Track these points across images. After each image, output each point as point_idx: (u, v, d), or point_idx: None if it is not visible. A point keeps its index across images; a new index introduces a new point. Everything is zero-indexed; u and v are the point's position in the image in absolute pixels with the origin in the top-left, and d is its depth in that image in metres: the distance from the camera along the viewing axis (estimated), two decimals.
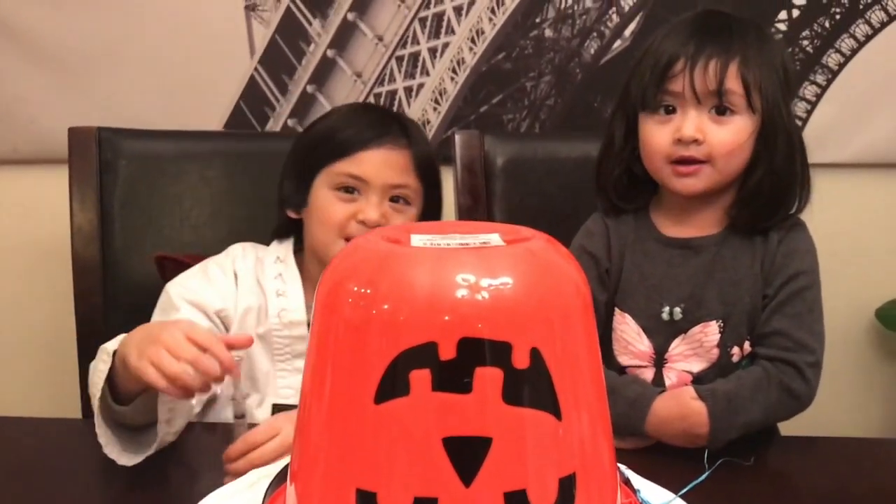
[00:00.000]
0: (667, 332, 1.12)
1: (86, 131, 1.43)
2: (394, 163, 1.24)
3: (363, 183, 1.22)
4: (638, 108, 1.11)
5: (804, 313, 1.08)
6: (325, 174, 1.24)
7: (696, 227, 1.14)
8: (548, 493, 0.63)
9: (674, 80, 1.07)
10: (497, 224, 0.73)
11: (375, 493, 0.62)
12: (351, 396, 0.64)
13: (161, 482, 0.95)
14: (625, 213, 1.18)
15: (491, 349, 0.61)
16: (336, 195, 1.23)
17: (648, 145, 1.11)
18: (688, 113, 1.07)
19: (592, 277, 1.15)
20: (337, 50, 1.73)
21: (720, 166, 1.08)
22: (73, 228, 1.41)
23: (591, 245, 1.17)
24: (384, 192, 1.23)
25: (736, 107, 1.07)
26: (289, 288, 1.24)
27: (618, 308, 1.15)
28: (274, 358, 1.22)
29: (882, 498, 0.92)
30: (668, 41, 1.09)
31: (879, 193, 1.72)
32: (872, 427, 1.74)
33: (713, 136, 1.07)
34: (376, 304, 0.63)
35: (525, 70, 1.70)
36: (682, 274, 1.12)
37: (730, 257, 1.12)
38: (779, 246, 1.11)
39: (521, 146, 1.44)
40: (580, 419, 0.65)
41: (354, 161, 1.22)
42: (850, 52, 1.68)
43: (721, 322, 1.11)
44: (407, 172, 1.24)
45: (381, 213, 1.21)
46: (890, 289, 1.70)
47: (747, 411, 1.04)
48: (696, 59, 1.06)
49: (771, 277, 1.10)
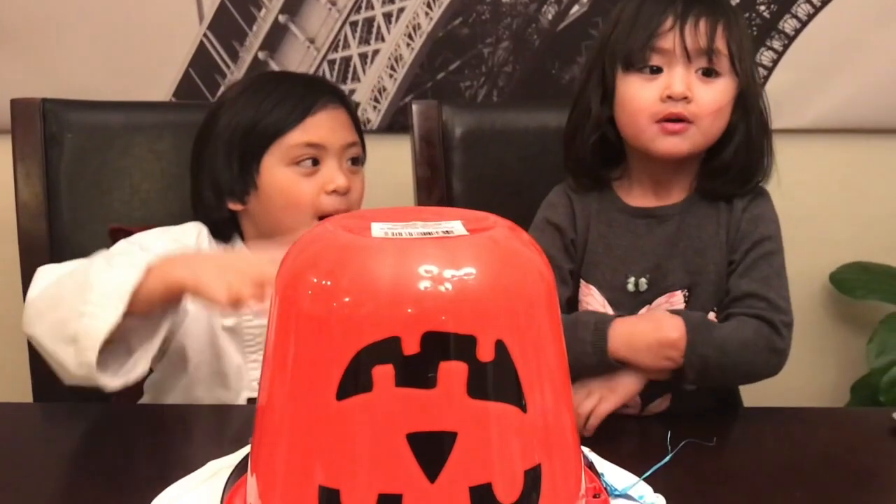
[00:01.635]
0: (632, 304, 1.12)
1: (29, 103, 1.38)
2: (342, 121, 1.19)
3: (322, 150, 1.17)
4: (620, 67, 1.10)
5: (772, 276, 1.09)
6: (276, 151, 1.16)
7: (661, 197, 1.14)
8: (514, 485, 0.63)
9: (663, 38, 1.07)
10: (459, 210, 0.72)
11: (339, 490, 0.62)
12: (312, 392, 0.62)
13: (119, 469, 0.92)
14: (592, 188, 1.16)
15: (455, 343, 0.61)
16: (297, 171, 1.16)
17: (632, 103, 1.09)
18: (675, 70, 1.07)
19: (558, 248, 1.14)
20: (289, 15, 1.68)
21: (704, 127, 1.08)
22: (18, 204, 1.36)
23: (555, 217, 1.16)
24: (341, 154, 1.18)
25: (722, 68, 1.08)
26: None
27: (583, 280, 1.15)
28: (245, 350, 1.17)
29: (836, 466, 0.94)
30: (649, 4, 1.09)
31: (836, 159, 1.73)
32: (826, 390, 1.77)
33: (701, 95, 1.07)
34: (337, 297, 0.62)
35: (482, 36, 1.68)
36: (647, 244, 1.12)
37: (694, 225, 1.12)
38: (743, 213, 1.11)
39: (480, 116, 1.42)
40: (545, 409, 0.65)
41: (306, 129, 1.16)
42: (806, 17, 1.67)
43: (686, 291, 1.11)
44: (352, 130, 1.20)
45: (346, 177, 1.17)
46: (844, 253, 1.73)
47: (722, 331, 1.04)
48: (685, 16, 1.06)
49: (736, 243, 1.11)
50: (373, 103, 1.69)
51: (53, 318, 1.00)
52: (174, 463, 0.89)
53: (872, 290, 1.67)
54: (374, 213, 0.71)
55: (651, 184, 1.14)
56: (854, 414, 1.37)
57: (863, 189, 1.74)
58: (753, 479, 0.90)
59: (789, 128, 1.67)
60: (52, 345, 1.00)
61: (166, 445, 1.01)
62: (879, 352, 1.59)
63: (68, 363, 0.99)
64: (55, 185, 1.37)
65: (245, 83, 1.25)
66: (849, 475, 0.92)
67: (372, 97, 1.69)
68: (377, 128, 1.69)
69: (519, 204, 1.28)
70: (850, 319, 1.78)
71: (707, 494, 0.87)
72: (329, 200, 1.16)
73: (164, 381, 1.19)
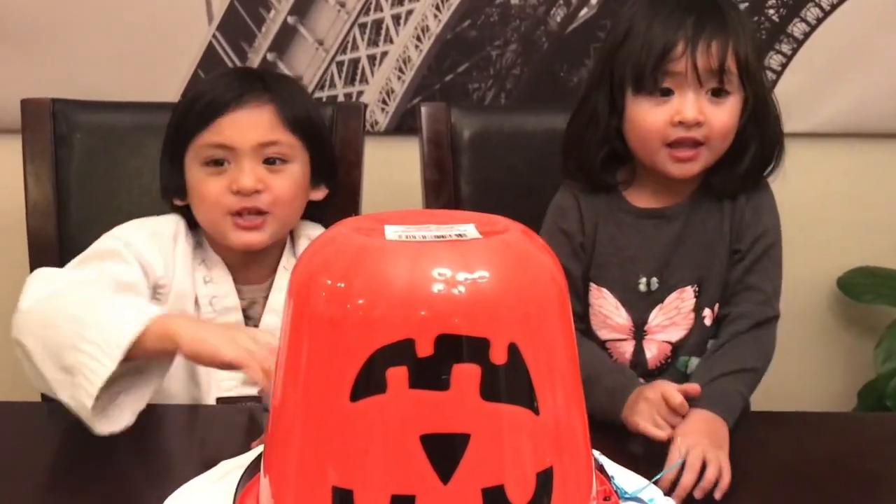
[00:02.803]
0: (644, 304, 1.13)
1: (39, 103, 1.38)
2: (257, 121, 1.16)
3: (230, 151, 1.15)
4: (629, 89, 1.09)
5: (770, 268, 1.12)
6: (191, 151, 1.17)
7: (667, 197, 1.15)
8: (526, 488, 0.63)
9: (674, 62, 1.06)
10: (472, 213, 0.72)
11: (352, 491, 0.62)
12: (326, 394, 0.63)
13: (128, 469, 0.93)
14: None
15: (468, 345, 0.61)
16: (206, 171, 1.16)
17: (642, 128, 1.09)
18: (687, 95, 1.06)
19: (566, 254, 1.14)
20: (298, 16, 1.68)
21: (715, 147, 1.09)
22: (29, 205, 1.37)
23: (564, 222, 1.16)
24: (255, 154, 1.15)
25: (731, 87, 1.07)
26: (214, 274, 1.19)
27: (594, 283, 1.15)
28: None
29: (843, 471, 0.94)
30: (659, 22, 1.07)
31: (843, 163, 1.73)
32: (833, 395, 1.77)
33: (712, 117, 1.07)
34: (351, 300, 0.62)
35: (491, 38, 1.68)
36: (655, 244, 1.13)
37: (700, 221, 1.13)
38: (746, 202, 1.13)
39: (488, 119, 1.42)
40: (557, 412, 0.65)
41: (215, 129, 1.15)
42: (815, 21, 1.68)
43: (696, 286, 1.12)
44: (275, 128, 1.16)
45: (256, 177, 1.14)
46: (852, 257, 1.73)
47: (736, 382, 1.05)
48: (696, 38, 1.05)
49: (741, 233, 1.12)
50: (381, 105, 1.70)
51: (48, 341, 0.98)
52: (183, 462, 0.89)
53: (880, 295, 1.67)
54: (387, 215, 0.72)
55: (657, 186, 1.15)
56: (861, 419, 1.37)
57: (871, 193, 1.74)
58: (761, 484, 0.90)
59: (797, 132, 1.66)
60: (42, 362, 0.98)
61: (174, 445, 1.02)
62: (887, 357, 1.59)
63: (57, 388, 0.97)
64: (65, 185, 1.38)
65: (215, 72, 1.27)
66: (856, 480, 0.92)
67: (380, 99, 1.69)
68: (385, 130, 1.70)
69: (527, 206, 1.27)
70: (857, 324, 1.78)
71: (715, 498, 0.87)
72: (235, 199, 1.14)
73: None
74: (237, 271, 1.21)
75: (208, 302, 1.18)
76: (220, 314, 1.18)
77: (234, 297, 1.19)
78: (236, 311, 1.18)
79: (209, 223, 1.18)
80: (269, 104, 1.17)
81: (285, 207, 1.18)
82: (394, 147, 1.63)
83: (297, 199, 1.20)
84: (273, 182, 1.16)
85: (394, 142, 1.66)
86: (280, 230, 1.19)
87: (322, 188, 1.25)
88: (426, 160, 1.39)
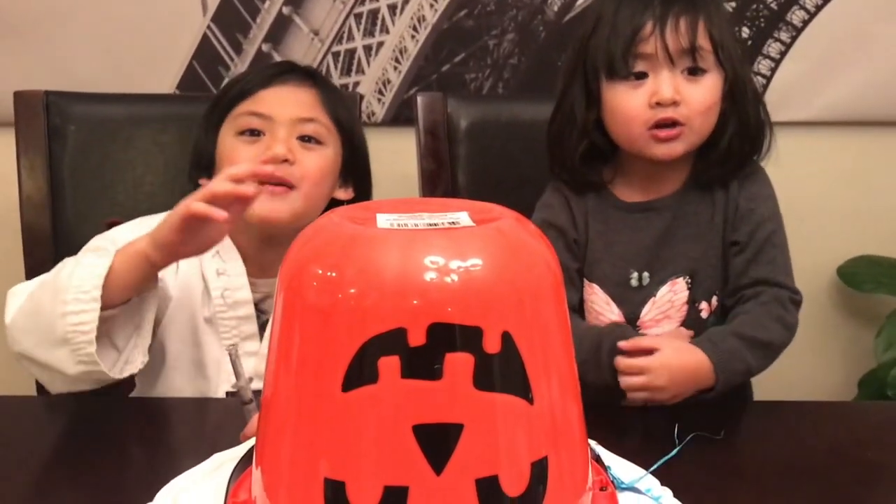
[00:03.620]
0: (636, 299, 1.11)
1: (32, 95, 1.37)
2: (299, 98, 1.17)
3: (267, 121, 1.15)
4: (603, 76, 1.08)
5: (777, 257, 1.10)
6: (229, 120, 1.17)
7: (655, 190, 1.14)
8: (520, 478, 0.62)
9: (644, 43, 1.05)
10: (465, 201, 0.71)
11: (344, 483, 0.61)
12: (318, 384, 0.62)
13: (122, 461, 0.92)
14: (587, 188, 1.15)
15: (461, 334, 0.60)
16: (241, 139, 1.15)
17: (622, 113, 1.08)
18: (661, 75, 1.06)
19: (560, 248, 1.13)
20: (293, 7, 1.67)
21: (697, 126, 1.07)
22: (22, 197, 1.36)
23: (554, 217, 1.15)
24: (291, 127, 1.15)
25: (707, 65, 1.06)
26: (229, 266, 1.17)
27: (585, 279, 1.14)
28: (222, 343, 1.16)
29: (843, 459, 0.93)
30: (626, 5, 1.07)
31: (843, 151, 1.72)
32: (834, 384, 1.77)
33: (689, 95, 1.06)
34: (342, 289, 0.61)
35: (488, 28, 1.67)
36: (646, 237, 1.12)
37: (691, 213, 1.12)
38: (740, 191, 1.11)
39: (485, 109, 1.41)
40: (552, 401, 0.64)
41: (256, 99, 1.16)
42: (814, 8, 1.66)
43: (688, 278, 1.11)
44: (315, 108, 1.17)
45: (289, 147, 1.13)
46: (852, 246, 1.72)
47: (739, 337, 1.05)
48: (664, 18, 1.05)
49: (737, 223, 1.11)
50: (377, 96, 1.69)
51: (38, 329, 1.00)
52: (177, 455, 0.88)
53: (880, 284, 1.66)
54: (379, 204, 0.71)
55: (645, 179, 1.14)
56: (862, 408, 1.36)
57: (871, 182, 1.73)
58: (761, 473, 0.89)
59: (796, 120, 1.66)
60: (45, 354, 1.00)
61: (169, 438, 1.01)
62: (887, 346, 1.59)
63: (64, 365, 0.99)
64: (59, 177, 1.37)
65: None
66: (856, 469, 0.91)
67: (376, 89, 1.68)
68: (382, 120, 1.69)
69: (524, 197, 1.26)
70: (857, 313, 1.77)
71: (714, 488, 0.86)
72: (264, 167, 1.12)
73: (150, 371, 1.18)
74: (253, 263, 1.18)
75: (220, 294, 1.16)
76: (231, 307, 1.16)
77: (247, 291, 1.16)
78: (248, 305, 1.16)
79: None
80: (313, 88, 1.19)
81: (313, 186, 1.15)
82: (390, 137, 1.62)
83: (325, 183, 1.18)
84: (304, 157, 1.15)
85: (390, 132, 1.65)
86: (302, 210, 1.14)
87: (349, 189, 1.23)
88: (423, 150, 1.38)
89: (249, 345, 1.16)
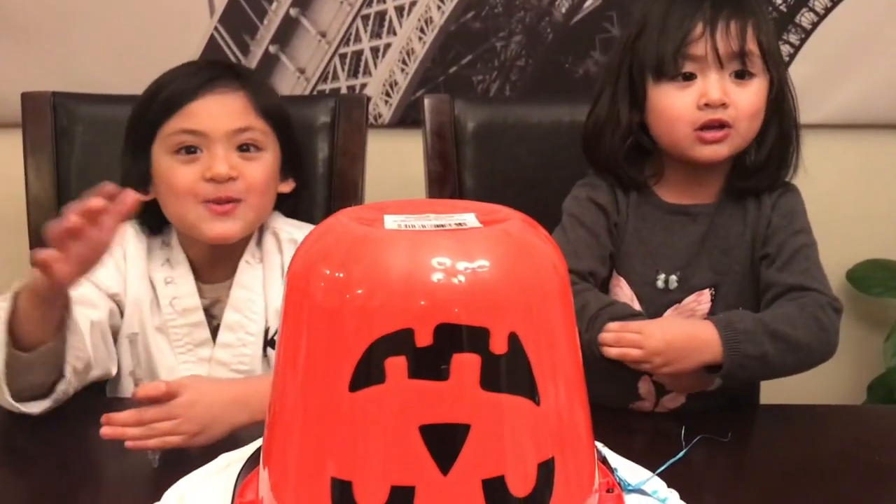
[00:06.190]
0: (659, 302, 1.11)
1: (39, 96, 1.37)
2: (230, 108, 1.13)
3: (202, 137, 1.11)
4: (651, 77, 1.08)
5: (812, 268, 1.08)
6: (159, 140, 1.13)
7: (694, 195, 1.13)
8: (527, 479, 0.62)
9: (694, 45, 1.05)
10: (473, 203, 0.71)
11: (351, 482, 0.61)
12: (325, 384, 0.62)
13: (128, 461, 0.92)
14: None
15: (468, 335, 0.60)
16: (177, 159, 1.12)
17: (669, 113, 1.07)
18: (709, 77, 1.06)
19: (602, 226, 1.12)
20: (300, 8, 1.67)
21: (743, 130, 1.07)
22: (29, 198, 1.36)
23: (599, 197, 1.14)
24: (228, 141, 1.12)
25: (755, 69, 1.07)
26: (176, 273, 1.16)
27: (615, 270, 1.13)
28: (175, 351, 1.15)
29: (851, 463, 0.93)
30: (676, 9, 1.07)
31: (853, 154, 1.71)
32: (843, 389, 1.75)
33: (737, 98, 1.06)
34: (350, 289, 0.61)
35: (495, 30, 1.67)
36: (679, 242, 1.12)
37: (723, 225, 1.12)
38: (773, 209, 1.11)
39: (493, 111, 1.41)
40: (558, 402, 0.64)
41: (185, 115, 1.12)
42: (823, 10, 1.66)
43: (713, 290, 1.10)
44: (248, 114, 1.14)
45: (230, 164, 1.11)
46: (861, 250, 1.71)
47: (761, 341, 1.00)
48: (715, 20, 1.05)
49: (768, 237, 1.10)
50: (384, 97, 1.69)
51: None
52: (185, 455, 0.88)
53: (890, 288, 1.65)
54: (386, 205, 0.71)
55: (685, 181, 1.13)
56: (870, 412, 1.36)
57: (880, 185, 1.73)
58: (768, 476, 0.89)
59: (805, 123, 1.62)
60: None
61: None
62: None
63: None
64: (65, 178, 1.37)
65: (179, 65, 1.22)
66: (864, 473, 0.91)
67: (383, 91, 1.68)
68: (388, 122, 1.69)
69: (531, 199, 1.27)
70: (866, 317, 1.76)
71: (721, 490, 0.86)
72: (208, 188, 1.11)
73: (115, 382, 1.18)
74: (202, 269, 1.18)
75: (169, 303, 1.15)
76: (181, 315, 1.15)
77: (195, 298, 1.16)
78: (198, 312, 1.15)
79: (179, 216, 1.14)
80: (241, 91, 1.15)
81: (259, 196, 1.15)
82: (397, 139, 1.62)
83: (271, 188, 1.18)
84: (247, 170, 1.13)
85: (397, 134, 1.65)
86: (253, 220, 1.15)
87: (290, 181, 1.22)
88: (430, 152, 1.38)
89: (202, 350, 1.15)
